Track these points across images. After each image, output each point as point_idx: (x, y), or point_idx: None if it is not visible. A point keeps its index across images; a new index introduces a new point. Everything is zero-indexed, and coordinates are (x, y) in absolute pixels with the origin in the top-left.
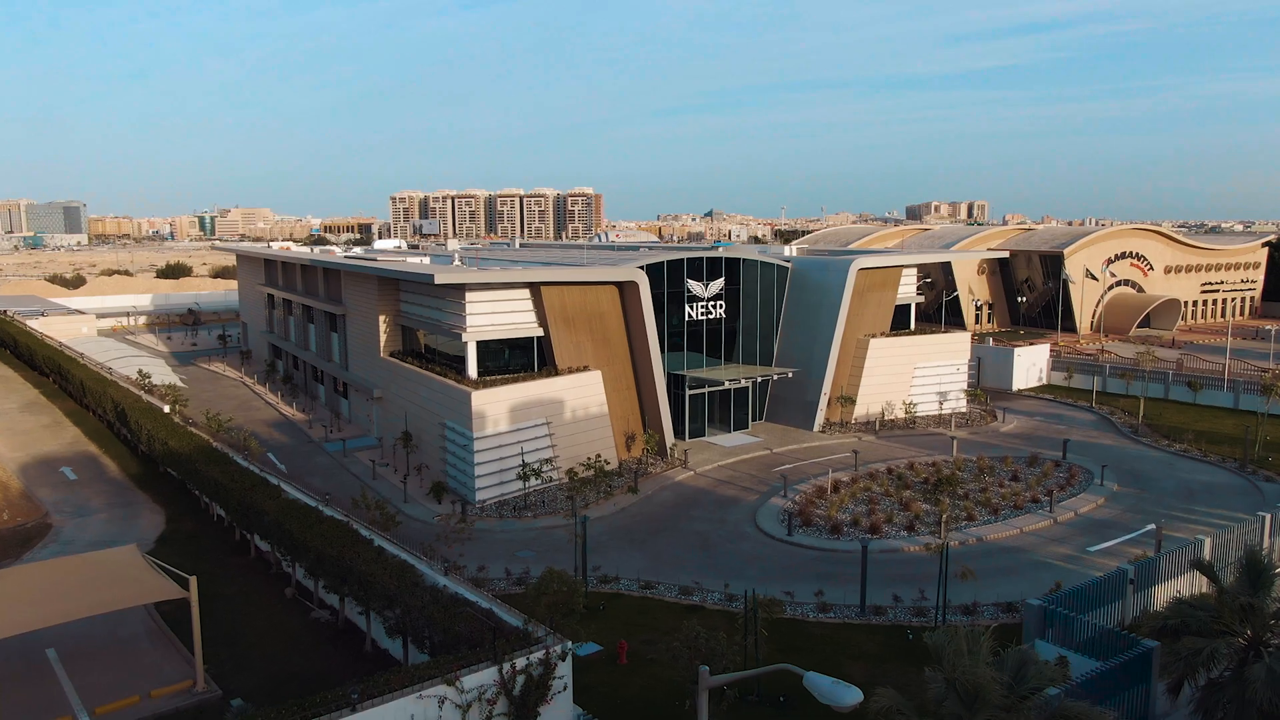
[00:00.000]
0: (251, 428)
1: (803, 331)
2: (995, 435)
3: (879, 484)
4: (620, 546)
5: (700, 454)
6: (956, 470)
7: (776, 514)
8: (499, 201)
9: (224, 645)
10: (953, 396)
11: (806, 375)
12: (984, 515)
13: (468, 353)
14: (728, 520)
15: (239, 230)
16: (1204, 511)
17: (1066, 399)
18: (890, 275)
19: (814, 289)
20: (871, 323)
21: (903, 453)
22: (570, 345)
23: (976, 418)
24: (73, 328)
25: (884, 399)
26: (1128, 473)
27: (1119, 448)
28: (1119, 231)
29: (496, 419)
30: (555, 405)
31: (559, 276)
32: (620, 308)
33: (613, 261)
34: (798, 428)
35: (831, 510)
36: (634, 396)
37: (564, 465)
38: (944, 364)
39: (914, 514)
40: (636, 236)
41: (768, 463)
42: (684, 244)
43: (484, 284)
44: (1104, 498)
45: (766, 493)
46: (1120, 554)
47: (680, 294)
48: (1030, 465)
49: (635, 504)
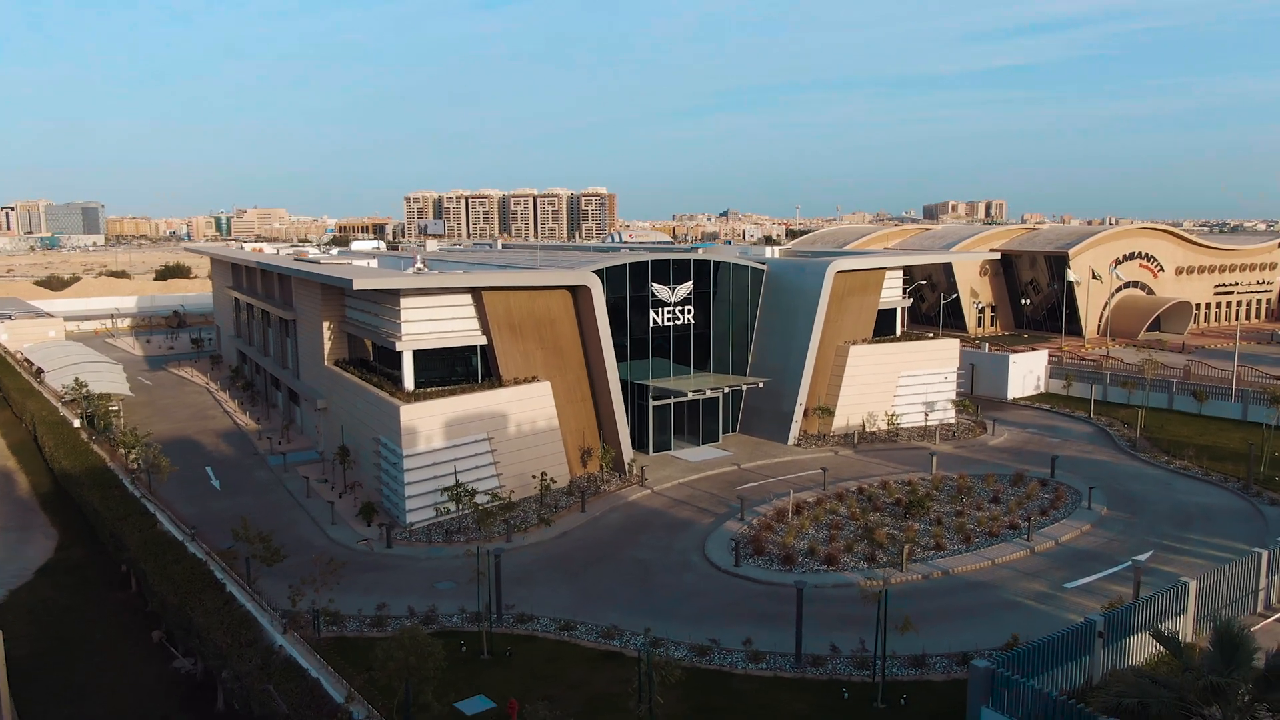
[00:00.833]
0: (201, 438)
1: (778, 338)
2: (983, 449)
3: (847, 506)
4: (550, 578)
5: (662, 470)
6: (933, 490)
7: (728, 541)
8: (513, 201)
9: (65, 699)
10: (940, 407)
11: (781, 385)
12: (954, 544)
13: (403, 363)
14: (674, 548)
15: (255, 230)
16: (1199, 541)
17: (1064, 409)
18: (872, 278)
19: (790, 293)
20: (852, 329)
21: (880, 469)
22: (517, 354)
23: (964, 430)
24: (39, 331)
25: (865, 410)
26: (1120, 494)
27: (1114, 464)
28: (1127, 231)
29: (430, 435)
30: (498, 419)
31: (503, 281)
32: (574, 314)
33: (579, 264)
34: (772, 440)
35: (788, 537)
36: (590, 409)
37: (509, 484)
38: (931, 372)
39: (877, 542)
40: (650, 236)
41: (732, 480)
42: (661, 244)
43: (420, 289)
44: (1089, 524)
45: (724, 515)
46: (1100, 592)
47: (644, 298)
48: (1014, 485)
49: (580, 527)
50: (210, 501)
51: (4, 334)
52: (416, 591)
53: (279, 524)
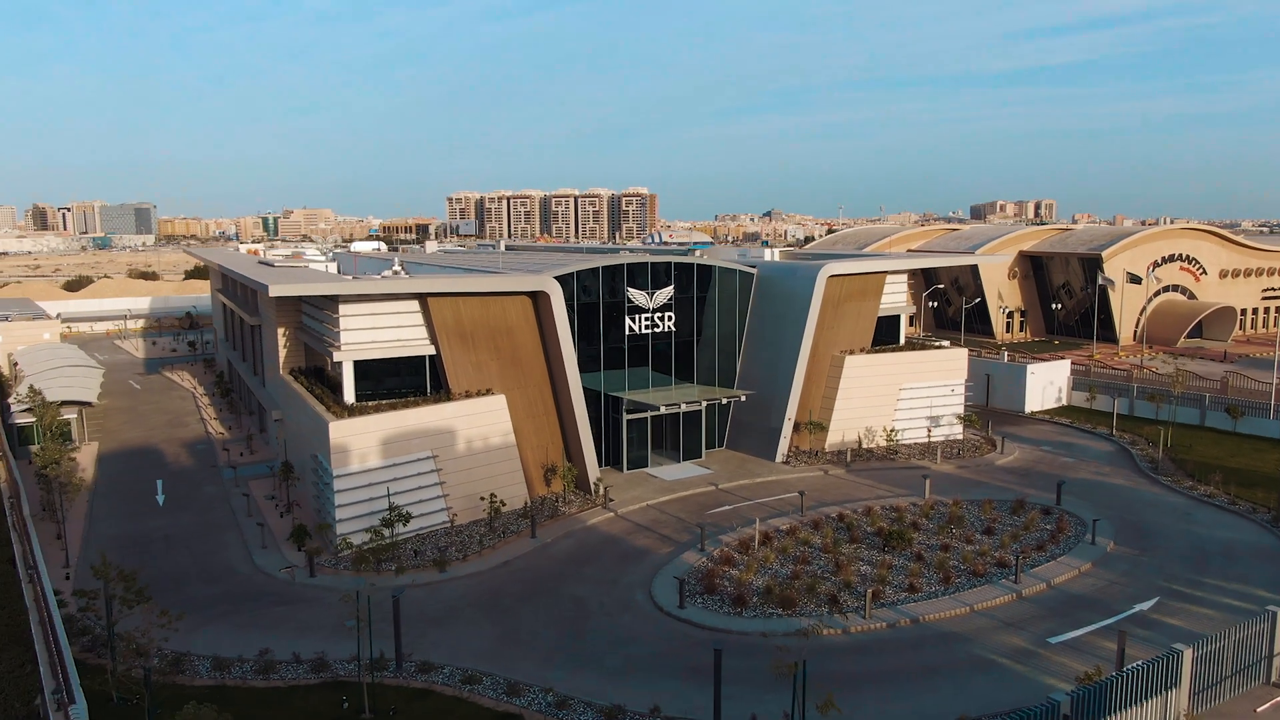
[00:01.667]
0: (167, 447)
1: (767, 347)
2: (987, 470)
3: (822, 535)
4: (475, 615)
5: (632, 490)
6: (922, 518)
7: (681, 575)
8: (554, 202)
9: None
10: (946, 422)
11: (770, 397)
12: (932, 585)
13: (343, 374)
14: (621, 582)
15: (301, 230)
16: (1214, 586)
17: (1085, 424)
18: (871, 283)
19: (780, 299)
20: (849, 337)
21: (869, 492)
22: (468, 365)
23: (970, 447)
24: (34, 334)
25: (863, 424)
26: (1131, 525)
27: (1130, 490)
28: (1167, 232)
29: (364, 453)
30: (444, 436)
31: (452, 286)
32: (535, 322)
33: (547, 268)
34: (759, 458)
35: (747, 572)
36: (554, 424)
37: (457, 505)
38: (936, 384)
39: (845, 580)
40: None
41: (706, 502)
42: (657, 247)
43: (360, 295)
44: (1089, 562)
45: (686, 544)
46: (1088, 649)
47: (620, 304)
48: (1014, 513)
49: (525, 555)
50: (147, 519)
51: None
52: (324, 629)
53: (206, 547)
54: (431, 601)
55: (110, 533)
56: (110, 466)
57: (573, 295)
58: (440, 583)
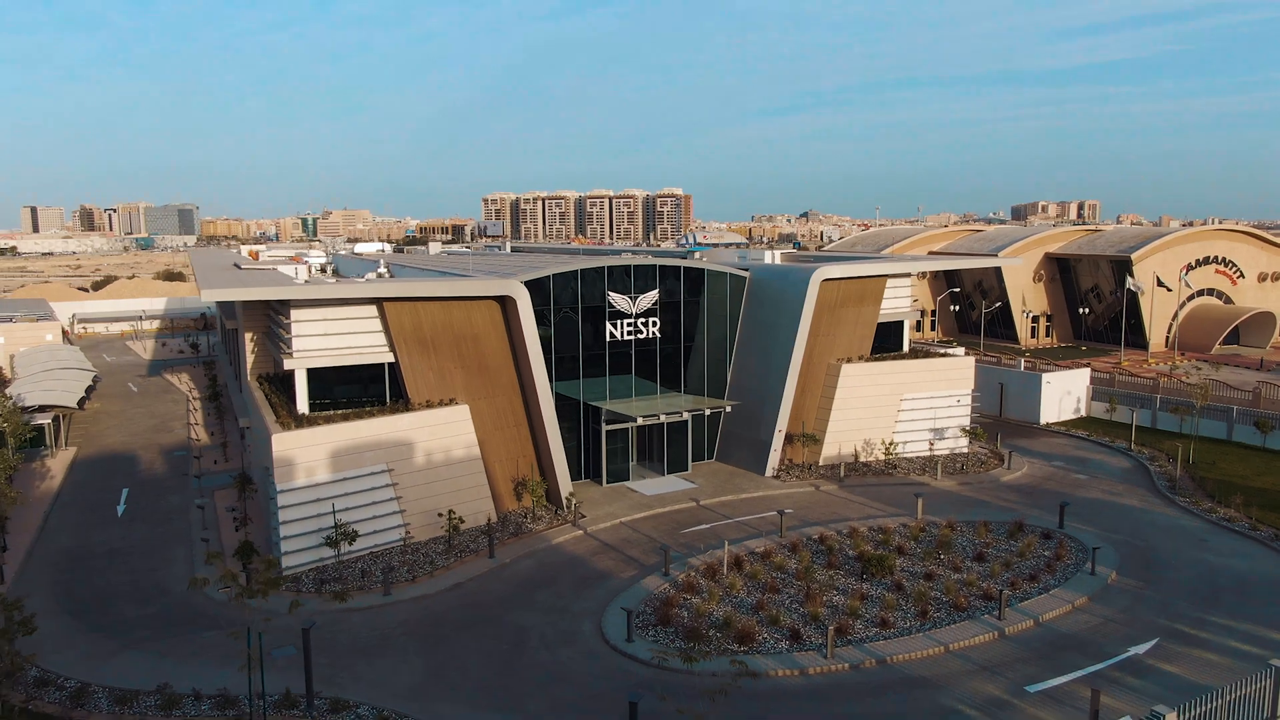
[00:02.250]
0: (145, 453)
1: (759, 355)
2: (991, 487)
3: (799, 559)
4: (408, 645)
5: (607, 505)
6: (910, 540)
7: (637, 603)
8: (588, 203)
9: None
10: (952, 434)
11: (761, 408)
12: (908, 619)
13: (296, 382)
14: (572, 610)
15: (339, 231)
16: (1222, 626)
17: (1103, 437)
18: (870, 287)
19: (772, 304)
20: (847, 344)
21: (859, 510)
22: (429, 373)
23: (975, 462)
24: (36, 335)
25: (861, 437)
26: (1138, 552)
27: (1142, 511)
28: (1201, 233)
29: (311, 466)
30: (401, 448)
31: (410, 290)
32: (503, 328)
33: (514, 272)
34: (749, 471)
35: (709, 601)
36: (526, 435)
37: (415, 522)
38: (940, 394)
39: (812, 612)
40: (724, 238)
41: (683, 520)
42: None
43: (313, 300)
44: (1085, 596)
45: (652, 567)
46: (1069, 700)
47: (600, 309)
48: (1011, 537)
49: (478, 577)
50: (99, 531)
51: (0, 338)
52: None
53: (150, 563)
54: (367, 628)
55: (57, 546)
56: (81, 473)
57: (548, 300)
58: (382, 607)
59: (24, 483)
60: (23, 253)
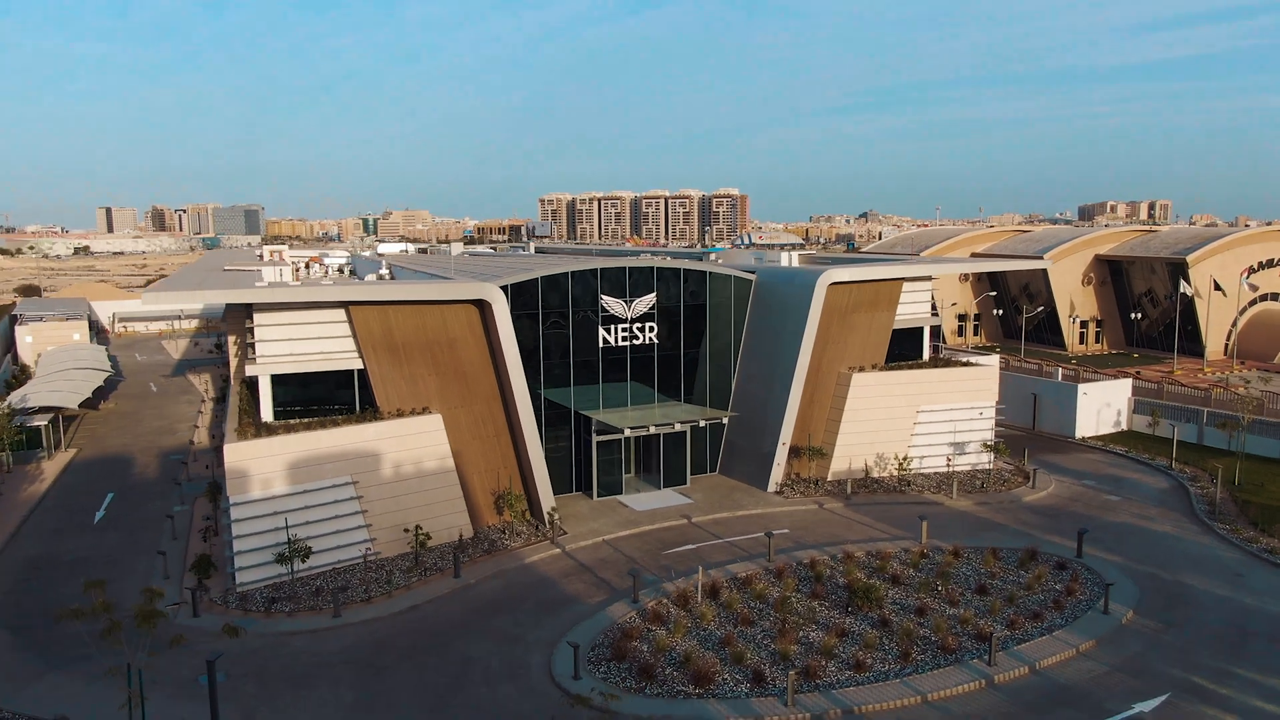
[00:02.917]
0: (143, 456)
1: (763, 362)
2: (1011, 507)
3: (782, 587)
4: (341, 677)
5: (594, 521)
6: (910, 568)
7: (596, 634)
8: (644, 203)
9: None
10: (972, 449)
11: (765, 419)
12: (887, 661)
13: (260, 389)
14: (527, 639)
15: (399, 231)
16: (1247, 680)
17: (1143, 454)
18: (885, 291)
19: (777, 309)
20: (859, 352)
21: (862, 532)
22: (400, 381)
23: (997, 480)
24: (63, 334)
25: (874, 451)
26: (1163, 588)
27: (1175, 540)
28: (1265, 234)
29: (268, 478)
30: (367, 459)
31: (379, 294)
32: (482, 333)
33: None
34: (751, 486)
35: (675, 633)
36: (507, 446)
37: (383, 537)
38: (960, 406)
39: (783, 650)
40: (781, 238)
41: (670, 539)
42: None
43: (276, 304)
44: (1093, 639)
45: (624, 591)
46: None
47: (593, 314)
48: (1021, 566)
49: (437, 600)
50: (71, 539)
51: (28, 337)
52: (171, 686)
53: (109, 575)
54: (308, 654)
55: (24, 554)
56: (73, 477)
57: (535, 303)
58: (329, 630)
59: (13, 486)
60: (95, 252)
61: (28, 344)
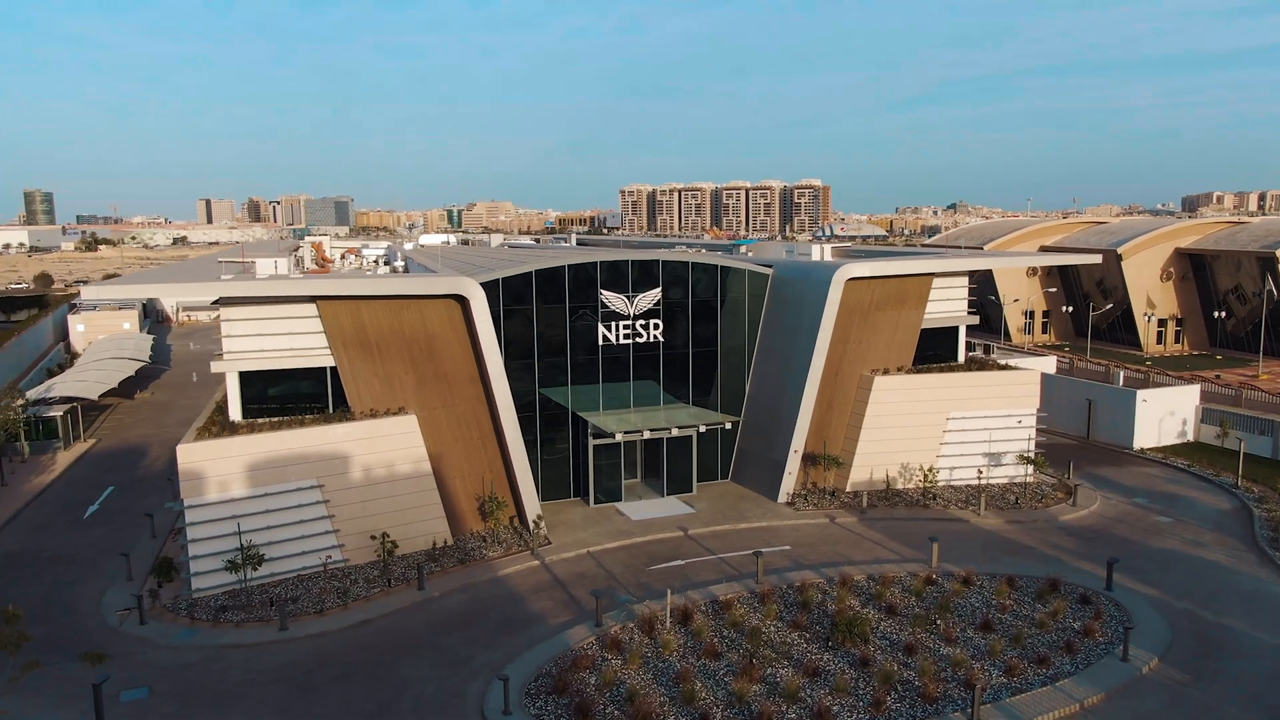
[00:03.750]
0: (158, 449)
1: (778, 363)
2: (1044, 528)
3: (763, 614)
4: (265, 698)
5: (584, 530)
6: (912, 596)
7: (546, 661)
8: (724, 194)
9: None
10: (1009, 460)
11: (776, 424)
12: (856, 709)
13: (228, 386)
14: (473, 663)
15: (483, 222)
16: None
17: (1208, 469)
18: (912, 287)
19: (792, 306)
20: (883, 353)
21: (871, 550)
22: (373, 379)
23: (1034, 495)
24: (114, 323)
25: (898, 460)
26: (1200, 631)
27: (1228, 572)
28: None
29: (225, 480)
30: (334, 461)
31: (350, 289)
32: (465, 330)
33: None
34: (761, 495)
35: (629, 664)
36: (493, 448)
37: (351, 544)
38: (997, 413)
39: (739, 692)
40: (863, 229)
41: (659, 552)
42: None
43: (241, 298)
44: (1103, 692)
45: (590, 613)
46: None
47: (592, 310)
48: (1039, 598)
49: (396, 613)
50: (54, 535)
51: (80, 325)
52: (85, 702)
53: (77, 574)
54: (241, 671)
55: (4, 549)
56: (82, 469)
57: (527, 299)
58: (272, 644)
59: (22, 476)
60: (191, 242)
61: (79, 332)
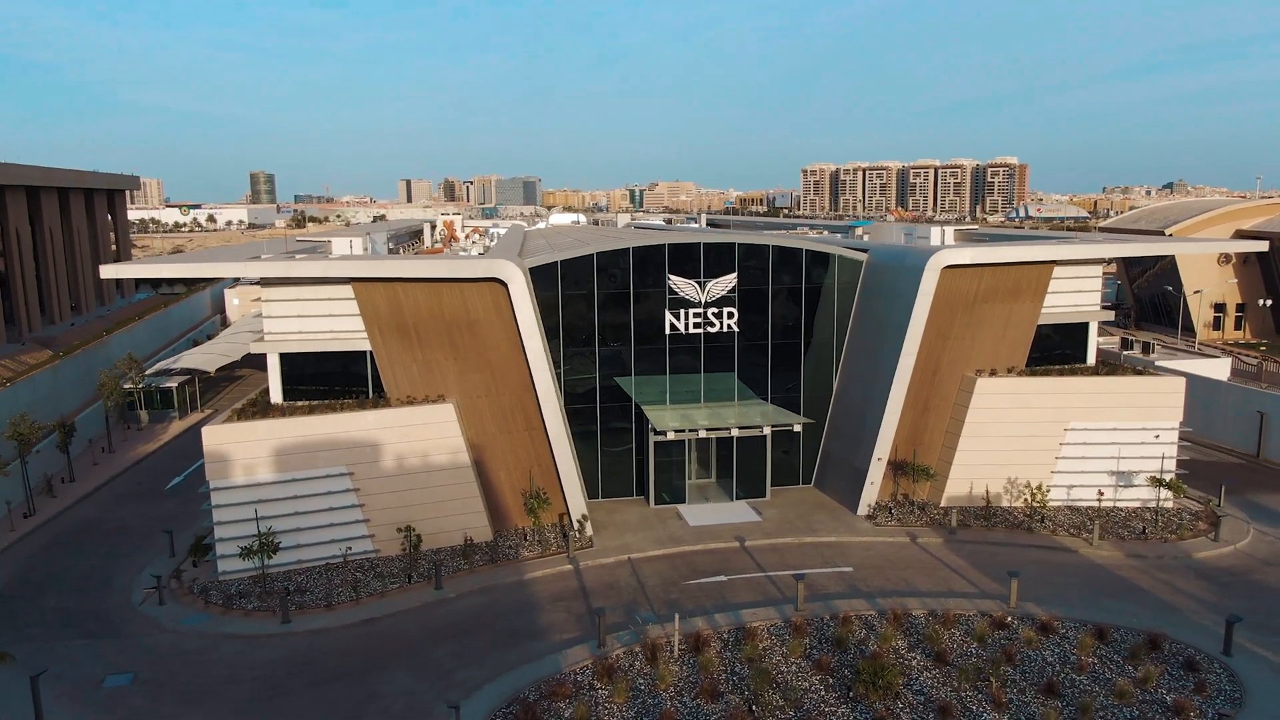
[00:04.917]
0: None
1: (866, 360)
2: (1173, 565)
3: (789, 648)
4: (231, 701)
5: (633, 534)
6: (973, 641)
7: (521, 688)
8: (911, 174)
9: None
10: (1139, 481)
11: (860, 427)
12: None
13: (269, 368)
14: (455, 679)
15: (664, 203)
16: None
17: None
18: (1028, 277)
19: (886, 297)
20: (991, 351)
21: (944, 581)
22: (410, 365)
23: (1168, 525)
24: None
25: (1002, 475)
26: None
27: None
28: None
29: (252, 465)
30: (366, 449)
31: (387, 271)
32: (509, 315)
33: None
34: (843, 505)
35: (616, 695)
36: (541, 442)
37: (381, 534)
38: (1129, 425)
39: None
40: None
41: (705, 566)
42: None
43: (281, 279)
44: None
45: (609, 628)
46: None
47: (658, 296)
48: (1131, 659)
49: (405, 613)
50: (127, 505)
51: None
52: (74, 684)
53: (126, 548)
54: (225, 667)
55: (79, 517)
56: (187, 440)
57: (590, 283)
58: (269, 638)
59: (130, 445)
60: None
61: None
